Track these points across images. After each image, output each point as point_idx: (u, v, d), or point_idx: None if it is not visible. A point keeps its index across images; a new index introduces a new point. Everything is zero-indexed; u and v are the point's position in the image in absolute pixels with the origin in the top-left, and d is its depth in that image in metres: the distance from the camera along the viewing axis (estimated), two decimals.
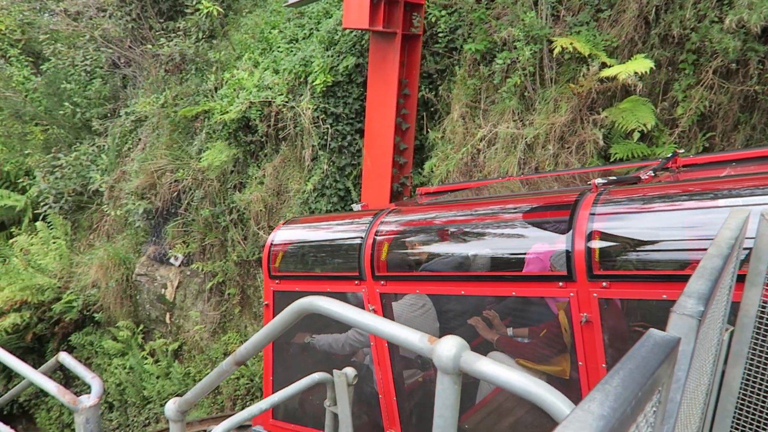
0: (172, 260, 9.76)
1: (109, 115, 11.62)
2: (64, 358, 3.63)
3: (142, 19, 10.84)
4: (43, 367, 4.14)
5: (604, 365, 2.76)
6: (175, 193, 9.51)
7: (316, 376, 3.21)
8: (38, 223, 11.71)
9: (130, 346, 10.02)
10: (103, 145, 11.14)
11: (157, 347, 9.70)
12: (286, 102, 7.68)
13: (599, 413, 0.73)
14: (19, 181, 12.73)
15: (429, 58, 7.30)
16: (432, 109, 7.45)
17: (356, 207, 4.42)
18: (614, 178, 3.40)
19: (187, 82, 9.69)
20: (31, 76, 12.13)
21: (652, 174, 3.69)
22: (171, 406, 2.42)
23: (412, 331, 1.65)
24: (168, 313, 9.89)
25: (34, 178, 11.85)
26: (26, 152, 12.31)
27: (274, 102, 7.75)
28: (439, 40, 7.04)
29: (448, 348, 1.56)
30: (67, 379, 10.34)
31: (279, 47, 8.52)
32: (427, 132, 7.36)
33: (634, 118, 5.44)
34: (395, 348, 3.50)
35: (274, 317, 2.23)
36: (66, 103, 11.43)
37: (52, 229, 11.61)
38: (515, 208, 3.42)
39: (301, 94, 7.63)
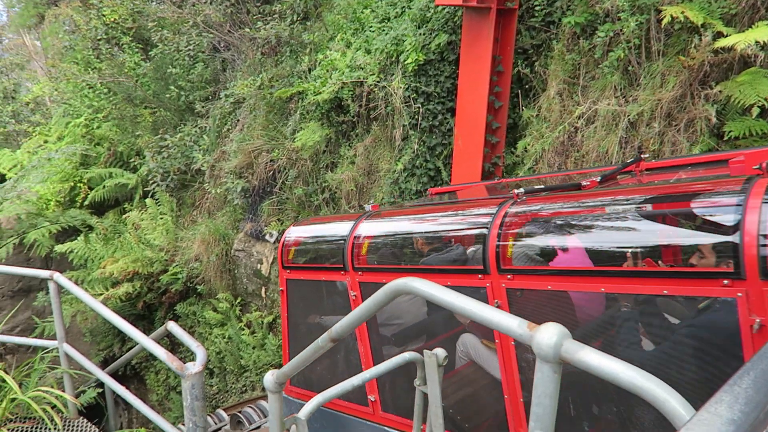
0: (267, 237, 10.16)
1: (210, 97, 12.18)
2: (172, 327, 3.89)
3: (240, 3, 11.22)
4: (154, 335, 4.46)
5: None
6: (271, 173, 9.85)
7: (407, 355, 3.22)
8: (147, 200, 12.55)
9: (229, 317, 10.57)
10: (205, 127, 11.71)
11: (253, 319, 10.17)
12: (378, 82, 7.69)
13: (729, 417, 0.66)
14: (131, 160, 13.67)
15: (524, 33, 7.04)
16: (526, 86, 7.20)
17: (367, 207, 4.63)
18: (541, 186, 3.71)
19: (282, 64, 9.96)
20: (141, 62, 12.94)
21: (597, 180, 3.62)
22: (269, 378, 2.52)
23: (511, 317, 1.60)
24: (263, 287, 10.32)
25: (144, 158, 12.69)
26: (137, 134, 13.18)
27: (365, 82, 7.79)
28: (536, 14, 6.76)
29: (549, 336, 1.50)
30: (173, 345, 11.11)
31: (371, 27, 8.53)
32: (521, 110, 7.13)
33: (754, 92, 4.97)
34: (521, 346, 3.28)
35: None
36: (172, 87, 12.10)
37: (159, 205, 12.41)
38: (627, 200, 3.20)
39: (393, 74, 7.61)
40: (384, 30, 8.20)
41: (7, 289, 14.01)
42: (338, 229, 4.65)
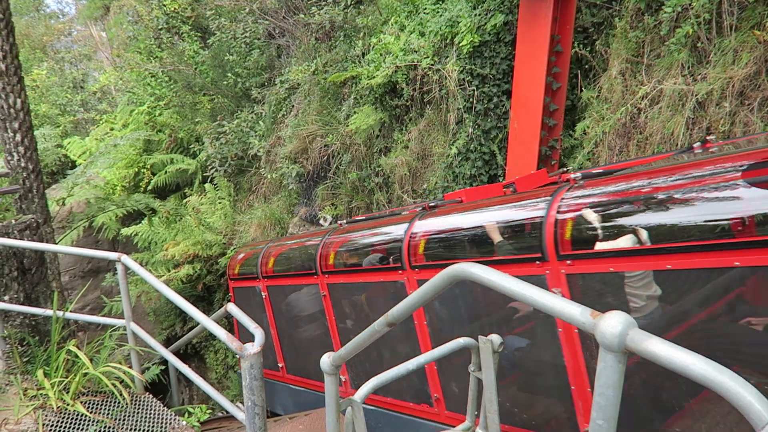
0: (321, 221, 10.28)
1: (265, 83, 12.37)
2: (232, 308, 4.00)
3: None
4: (214, 315, 4.60)
5: None
6: (325, 157, 9.94)
7: (461, 340, 3.20)
8: (207, 185, 12.92)
9: None
10: (261, 113, 11.91)
11: None
12: (432, 65, 7.60)
13: None
14: (191, 146, 14.08)
15: (585, 10, 6.78)
16: (586, 66, 6.95)
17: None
18: None
19: (336, 49, 9.98)
20: (199, 50, 13.26)
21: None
22: (326, 360, 2.55)
23: (573, 304, 1.55)
24: None
25: (203, 144, 13.04)
26: (196, 120, 13.54)
27: (419, 65, 7.72)
28: None
29: (613, 324, 1.45)
30: (230, 326, 11.47)
31: (425, 9, 8.42)
32: (581, 91, 6.89)
33: None
34: (584, 334, 3.21)
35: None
36: (229, 74, 12.35)
37: (218, 190, 12.75)
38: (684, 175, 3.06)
39: (447, 56, 7.50)
40: (438, 12, 8.08)
41: (78, 270, 14.78)
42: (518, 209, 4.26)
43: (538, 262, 3.30)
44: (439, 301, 4.23)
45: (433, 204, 4.80)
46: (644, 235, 3.04)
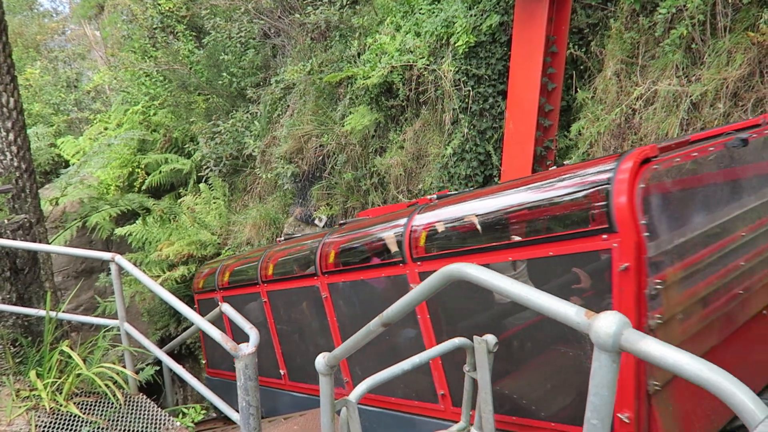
0: (316, 221, 10.27)
1: (261, 83, 12.34)
2: (226, 308, 3.99)
3: None
4: (208, 316, 4.58)
5: None
6: (320, 158, 9.93)
7: (456, 340, 3.20)
8: (201, 185, 12.89)
9: None
10: (256, 113, 11.89)
11: None
12: (428, 65, 7.60)
13: None
14: (185, 146, 14.03)
15: (580, 11, 6.80)
16: (581, 67, 6.97)
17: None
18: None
19: (331, 49, 9.97)
20: (194, 50, 13.22)
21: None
22: (321, 361, 2.54)
23: (568, 304, 1.55)
24: None
25: (198, 143, 13.00)
26: (191, 120, 13.50)
27: (415, 65, 7.71)
28: None
29: (608, 324, 1.45)
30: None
31: (421, 9, 8.42)
32: (576, 92, 6.91)
33: None
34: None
35: None
36: (224, 74, 12.32)
37: (213, 190, 12.72)
38: None
39: (443, 57, 7.50)
40: (434, 12, 8.08)
41: (72, 270, 14.71)
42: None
43: (400, 264, 3.93)
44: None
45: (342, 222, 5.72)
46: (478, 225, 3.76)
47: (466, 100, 7.26)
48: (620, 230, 2.76)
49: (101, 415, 4.15)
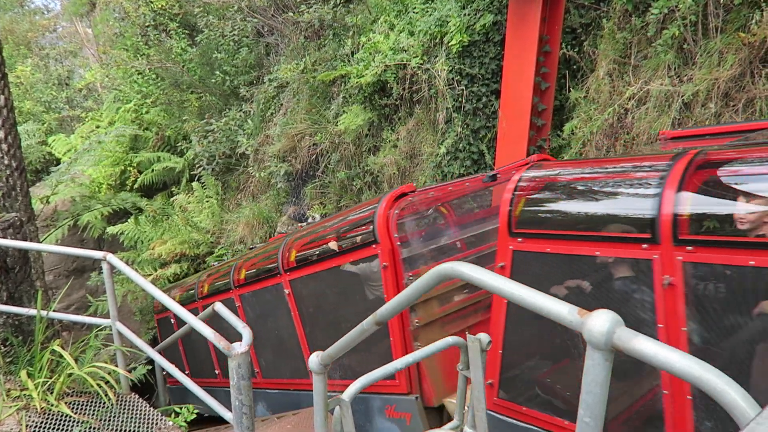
0: (310, 220, 10.26)
1: (254, 82, 12.31)
2: (219, 307, 3.97)
3: None
4: (201, 315, 4.56)
5: None
6: (314, 156, 9.92)
7: (450, 339, 3.20)
8: (194, 184, 12.83)
9: None
10: (249, 111, 11.85)
11: None
12: (421, 64, 7.60)
13: None
14: (178, 144, 13.96)
15: (573, 11, 6.82)
16: (574, 66, 6.99)
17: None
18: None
19: (325, 48, 9.96)
20: (187, 48, 13.15)
21: None
22: (314, 359, 2.54)
23: (561, 303, 1.55)
24: None
25: (191, 142, 12.95)
26: (184, 118, 13.44)
27: (409, 64, 7.72)
28: None
29: (601, 323, 1.45)
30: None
31: (414, 8, 8.43)
32: (569, 91, 6.93)
33: None
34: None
35: None
36: (217, 72, 12.27)
37: (205, 189, 12.67)
38: None
39: (437, 56, 7.51)
40: (428, 11, 8.08)
41: (63, 268, 14.62)
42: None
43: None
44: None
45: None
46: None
47: (460, 99, 7.27)
48: (381, 241, 4.32)
49: (93, 414, 4.13)
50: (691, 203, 2.70)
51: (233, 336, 3.36)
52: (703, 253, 2.59)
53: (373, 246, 4.36)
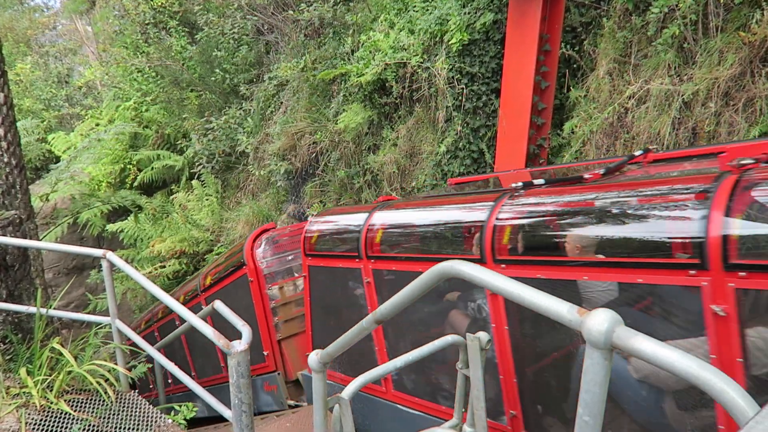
0: (309, 219, 10.24)
1: (254, 80, 12.30)
2: (219, 305, 3.97)
3: None
4: (201, 313, 4.56)
5: None
6: (314, 155, 9.91)
7: (449, 338, 3.20)
8: (194, 182, 12.84)
9: None
10: (249, 109, 11.85)
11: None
12: (421, 63, 7.60)
13: None
14: (177, 142, 13.98)
15: (573, 10, 6.82)
16: (574, 65, 6.99)
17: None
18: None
19: (325, 46, 9.95)
20: (187, 46, 13.15)
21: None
22: (314, 358, 2.54)
23: (561, 302, 1.56)
24: None
25: (190, 140, 12.95)
26: (183, 116, 13.45)
27: (409, 63, 7.71)
28: None
29: (600, 322, 1.46)
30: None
31: (414, 6, 8.42)
32: (569, 90, 6.93)
33: None
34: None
35: None
36: (217, 70, 12.27)
37: (205, 187, 12.68)
38: None
39: (437, 54, 7.50)
40: (428, 9, 8.08)
41: (62, 266, 14.62)
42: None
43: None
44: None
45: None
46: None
47: (460, 98, 7.26)
48: (247, 265, 6.27)
49: (92, 412, 4.13)
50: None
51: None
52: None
53: (243, 268, 6.40)
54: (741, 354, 2.38)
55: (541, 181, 3.50)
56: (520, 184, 3.49)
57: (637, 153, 4.24)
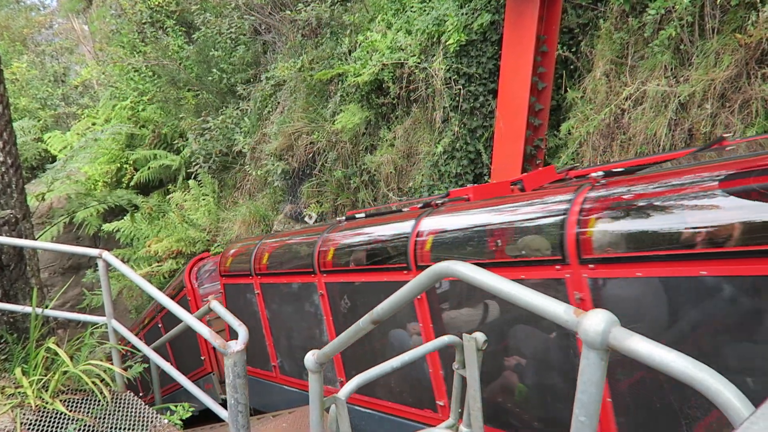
0: (306, 219, 10.25)
1: (251, 80, 12.29)
2: (215, 305, 3.97)
3: None
4: (197, 313, 4.56)
5: None
6: (311, 155, 9.90)
7: (446, 338, 3.20)
8: (191, 181, 12.81)
9: None
10: (246, 109, 11.83)
11: None
12: (419, 63, 7.60)
13: None
14: (174, 142, 13.95)
15: (570, 11, 6.83)
16: (571, 66, 7.00)
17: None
18: None
19: (322, 46, 9.95)
20: (184, 45, 13.13)
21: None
22: (310, 358, 2.54)
23: (557, 302, 1.56)
24: None
25: (187, 140, 12.93)
26: (180, 116, 13.42)
27: (406, 63, 7.71)
28: None
29: (596, 322, 1.46)
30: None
31: (412, 7, 8.42)
32: (565, 91, 6.94)
33: None
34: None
35: None
36: (214, 70, 12.25)
37: (202, 186, 12.66)
38: None
39: (434, 55, 7.51)
40: (425, 10, 8.08)
41: (58, 266, 14.58)
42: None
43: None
44: None
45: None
46: None
47: (457, 98, 7.27)
48: (186, 286, 7.54)
49: (88, 412, 4.12)
50: None
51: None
52: None
53: (183, 288, 7.63)
54: None
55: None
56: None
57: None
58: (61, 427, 3.92)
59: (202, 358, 7.29)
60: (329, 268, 4.76)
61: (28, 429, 3.77)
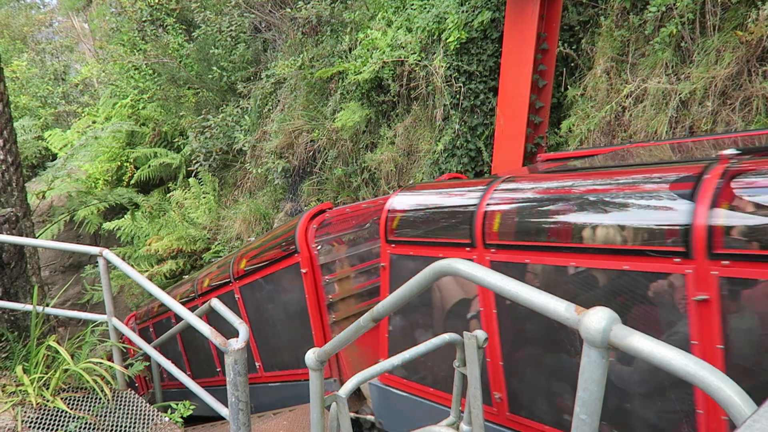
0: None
1: (251, 78, 12.27)
2: (216, 303, 3.96)
3: None
4: (198, 311, 4.56)
5: None
6: (311, 153, 9.90)
7: (446, 336, 3.20)
8: (191, 180, 12.81)
9: None
10: (246, 107, 11.82)
11: None
12: (419, 61, 7.59)
13: None
14: (175, 140, 13.94)
15: (571, 9, 6.82)
16: (572, 64, 6.99)
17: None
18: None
19: (322, 44, 9.93)
20: (184, 43, 13.11)
21: None
22: (311, 356, 2.53)
23: (558, 300, 1.55)
24: None
25: (187, 138, 12.92)
26: (180, 114, 13.41)
27: (406, 61, 7.70)
28: None
29: (597, 320, 1.46)
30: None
31: (412, 4, 8.41)
32: (566, 89, 6.93)
33: None
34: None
35: None
36: (214, 68, 12.23)
37: (202, 185, 12.65)
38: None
39: (434, 53, 7.50)
40: (426, 8, 8.07)
41: (59, 264, 14.58)
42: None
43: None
44: None
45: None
46: None
47: (457, 96, 7.26)
48: (301, 251, 5.06)
49: (89, 410, 4.12)
50: None
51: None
52: None
53: (295, 255, 5.14)
54: None
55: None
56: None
57: None
58: (62, 425, 3.92)
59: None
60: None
61: (29, 427, 3.78)
